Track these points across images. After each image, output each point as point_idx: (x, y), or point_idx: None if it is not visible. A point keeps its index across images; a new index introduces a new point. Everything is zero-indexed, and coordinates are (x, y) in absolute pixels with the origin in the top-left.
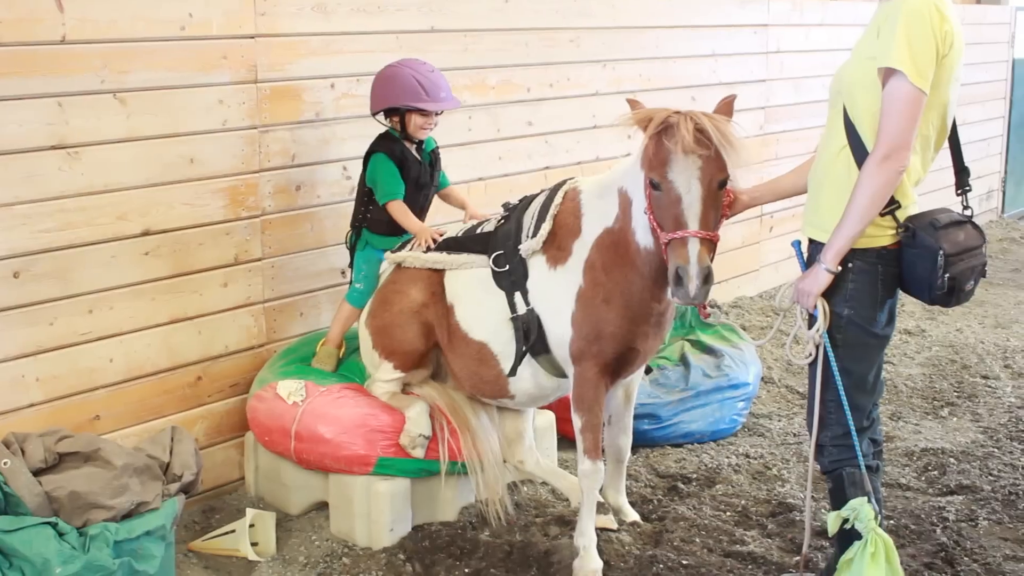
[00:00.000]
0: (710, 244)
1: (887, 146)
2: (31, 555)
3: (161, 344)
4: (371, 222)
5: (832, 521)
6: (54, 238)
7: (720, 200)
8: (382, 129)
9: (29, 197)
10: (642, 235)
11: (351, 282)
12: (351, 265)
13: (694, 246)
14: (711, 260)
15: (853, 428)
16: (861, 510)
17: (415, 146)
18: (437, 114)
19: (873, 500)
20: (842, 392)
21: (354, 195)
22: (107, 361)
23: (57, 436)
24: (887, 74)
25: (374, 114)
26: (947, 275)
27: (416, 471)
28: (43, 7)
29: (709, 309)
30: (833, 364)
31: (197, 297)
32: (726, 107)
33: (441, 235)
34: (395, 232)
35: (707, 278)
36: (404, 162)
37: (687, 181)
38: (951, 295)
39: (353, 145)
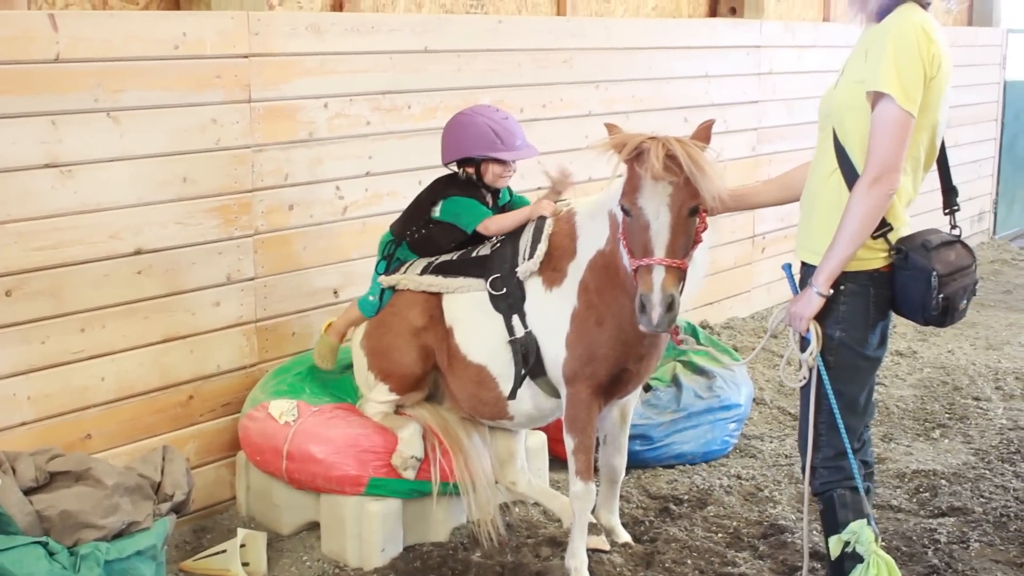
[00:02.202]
0: (677, 272)
1: (877, 169)
2: (21, 574)
3: (153, 363)
4: (415, 243)
5: (833, 545)
6: (47, 256)
7: (691, 227)
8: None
9: (22, 215)
10: (627, 258)
11: (370, 291)
12: (376, 268)
13: (658, 274)
14: (679, 289)
15: (850, 449)
16: (861, 533)
17: (490, 194)
18: (514, 162)
19: (872, 522)
20: (837, 414)
21: (346, 215)
22: (99, 380)
23: (48, 455)
24: (875, 97)
25: (446, 164)
26: (941, 295)
27: (408, 492)
28: (37, 25)
29: (681, 335)
30: (827, 386)
31: (189, 316)
32: (703, 132)
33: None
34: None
35: (671, 306)
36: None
37: (656, 208)
38: (945, 315)
39: (346, 165)
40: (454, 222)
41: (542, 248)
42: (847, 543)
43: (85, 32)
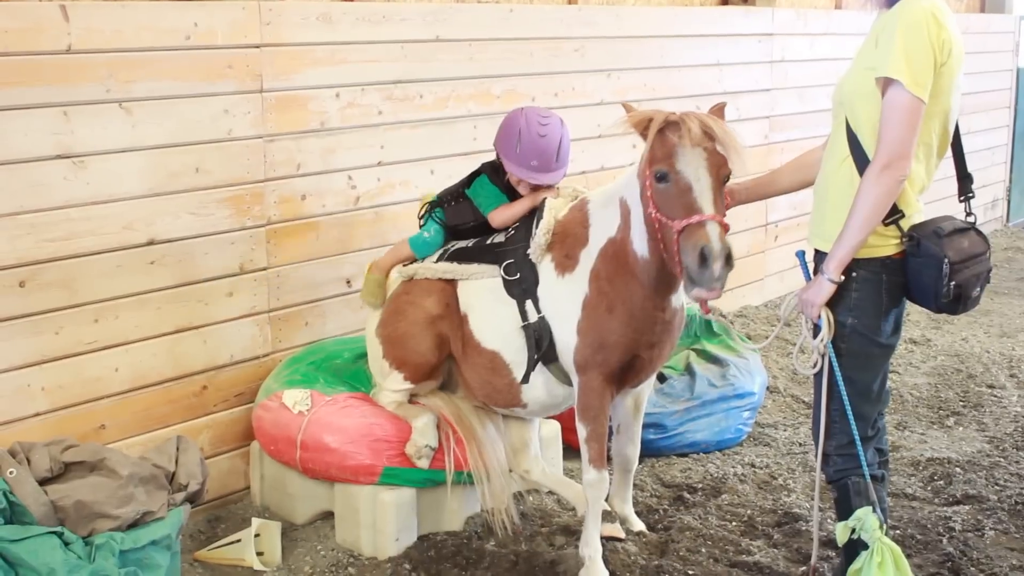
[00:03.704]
0: (725, 230)
1: (887, 155)
2: (37, 564)
3: (166, 353)
4: (449, 210)
5: (840, 532)
6: (60, 247)
7: (723, 195)
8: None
9: (35, 206)
10: (639, 244)
11: (421, 229)
12: (421, 226)
13: (713, 227)
14: None
15: (858, 437)
16: (866, 520)
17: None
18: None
19: (879, 509)
20: (847, 401)
21: (359, 204)
22: (112, 370)
23: (63, 445)
24: (885, 84)
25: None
26: (953, 283)
27: (422, 481)
28: (49, 16)
29: (710, 304)
30: (838, 374)
31: (202, 306)
32: (717, 113)
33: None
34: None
35: (729, 259)
36: (503, 193)
37: (695, 171)
38: (957, 303)
39: (358, 154)
40: (476, 201)
41: (544, 224)
42: (853, 530)
43: (96, 23)
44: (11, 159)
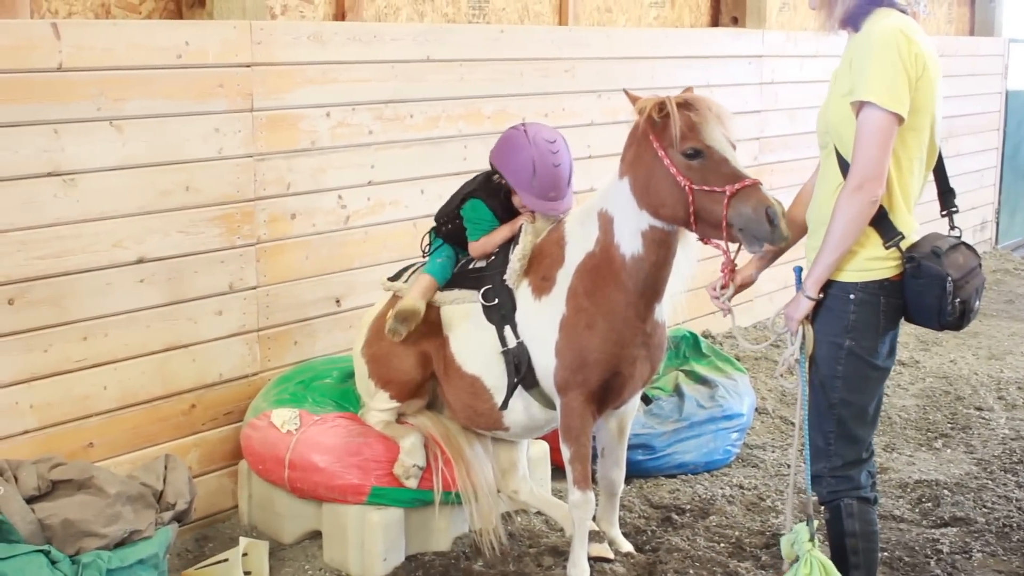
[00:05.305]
0: None
1: (860, 176)
2: None
3: (155, 372)
4: (447, 233)
5: (785, 546)
6: (49, 265)
7: None
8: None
9: (25, 224)
10: (627, 245)
11: (431, 258)
12: (426, 254)
13: (765, 189)
14: None
15: (809, 455)
16: (800, 533)
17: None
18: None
19: (875, 529)
20: (806, 419)
21: (349, 224)
22: (101, 388)
23: (50, 463)
24: (859, 107)
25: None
26: (958, 299)
27: (410, 501)
28: (40, 34)
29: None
30: (803, 387)
31: (191, 325)
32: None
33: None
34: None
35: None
36: (497, 216)
37: (723, 142)
38: (962, 318)
39: (348, 174)
40: (466, 226)
41: (519, 249)
42: (793, 543)
43: (88, 41)
44: (1, 176)
